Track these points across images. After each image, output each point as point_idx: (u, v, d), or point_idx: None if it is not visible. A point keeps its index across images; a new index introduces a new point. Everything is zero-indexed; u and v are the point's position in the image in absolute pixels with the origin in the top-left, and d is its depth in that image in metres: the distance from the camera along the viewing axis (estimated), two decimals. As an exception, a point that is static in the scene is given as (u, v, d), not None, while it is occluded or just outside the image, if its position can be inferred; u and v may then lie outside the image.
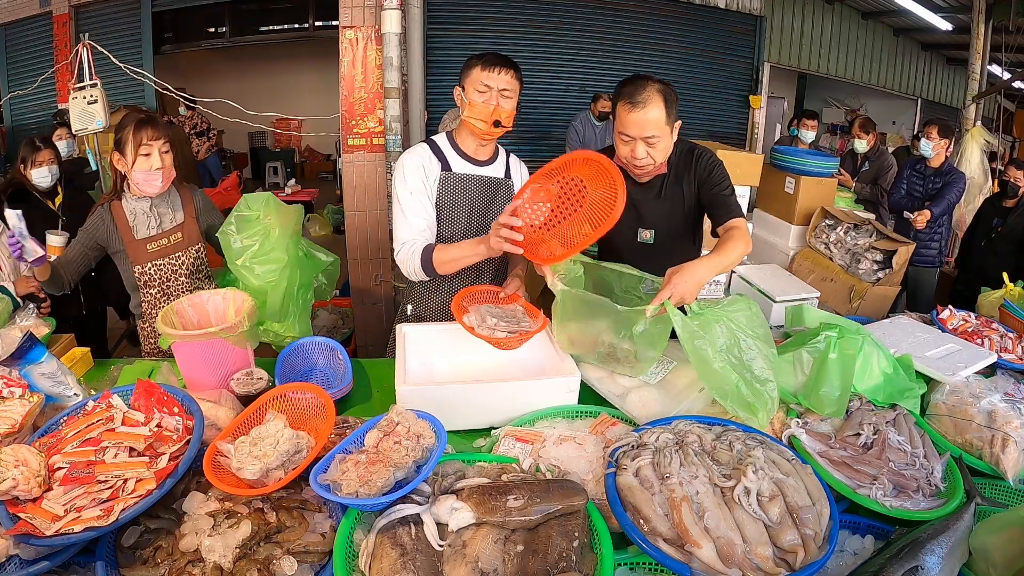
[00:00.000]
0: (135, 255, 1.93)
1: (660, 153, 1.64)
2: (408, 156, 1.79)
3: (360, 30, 3.24)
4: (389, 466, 1.04)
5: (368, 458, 1.07)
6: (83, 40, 3.93)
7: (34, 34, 6.59)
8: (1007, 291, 2.08)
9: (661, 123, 1.59)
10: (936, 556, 1.00)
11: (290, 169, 9.95)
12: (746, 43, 7.38)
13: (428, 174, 1.77)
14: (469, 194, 1.81)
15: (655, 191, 1.76)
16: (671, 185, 1.75)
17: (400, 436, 1.13)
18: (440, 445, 1.11)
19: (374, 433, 1.15)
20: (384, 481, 1.01)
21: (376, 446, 1.11)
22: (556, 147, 6.31)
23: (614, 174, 1.46)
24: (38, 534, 0.93)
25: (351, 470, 1.05)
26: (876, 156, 4.29)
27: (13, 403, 1.21)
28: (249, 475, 1.06)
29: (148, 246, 1.93)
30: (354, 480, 1.02)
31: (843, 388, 1.34)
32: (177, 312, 1.59)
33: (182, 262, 1.99)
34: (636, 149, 1.62)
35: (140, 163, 1.82)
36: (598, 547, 0.99)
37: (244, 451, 1.11)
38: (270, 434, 1.15)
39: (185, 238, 1.99)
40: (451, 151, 1.81)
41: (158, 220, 1.95)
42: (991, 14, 5.47)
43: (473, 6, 6.30)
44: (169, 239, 1.97)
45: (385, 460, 1.06)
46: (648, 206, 1.77)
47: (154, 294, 1.98)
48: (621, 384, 1.55)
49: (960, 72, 7.73)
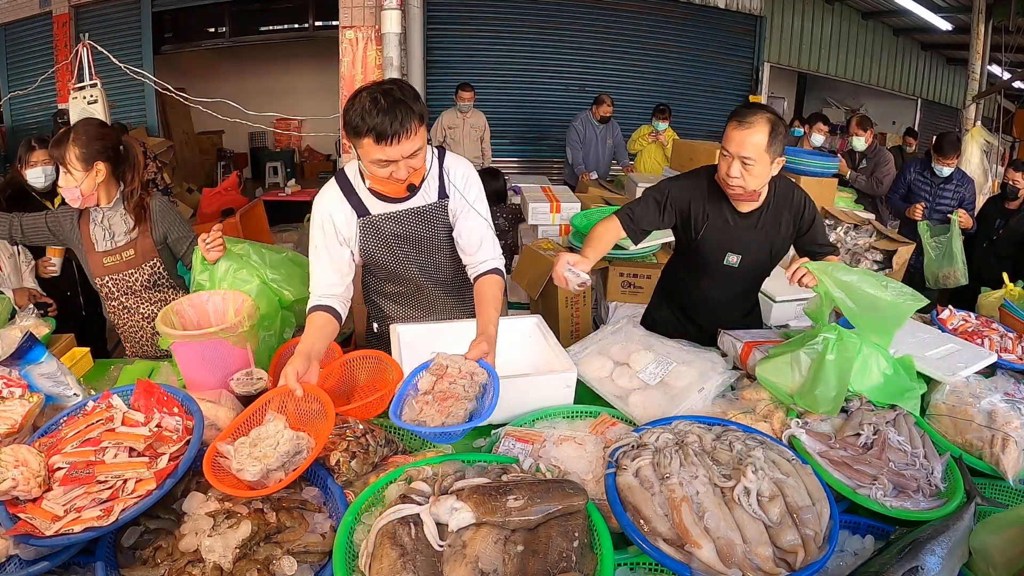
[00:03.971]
0: (94, 267, 1.91)
1: (754, 179, 1.65)
2: (317, 208, 1.57)
3: (360, 30, 3.25)
4: (461, 399, 1.18)
5: (435, 397, 1.20)
6: (83, 40, 3.93)
7: (34, 34, 6.60)
8: (1007, 291, 2.08)
9: (761, 148, 1.61)
10: (936, 556, 1.00)
11: (290, 169, 9.93)
12: (746, 43, 7.39)
13: (340, 223, 1.55)
14: (395, 234, 1.59)
15: (753, 221, 1.80)
16: (768, 219, 1.80)
17: (454, 376, 1.25)
18: (494, 378, 1.25)
19: (426, 378, 1.26)
20: (464, 411, 1.17)
21: (432, 389, 1.23)
22: (556, 147, 6.33)
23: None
24: (38, 534, 0.93)
25: (426, 409, 1.18)
26: (873, 154, 4.29)
27: (13, 403, 1.21)
28: (249, 476, 1.06)
29: (104, 260, 1.90)
30: (436, 415, 1.16)
31: (839, 388, 1.34)
32: (177, 312, 1.59)
33: (136, 279, 1.93)
34: (732, 167, 1.65)
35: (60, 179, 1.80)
36: (598, 547, 0.99)
37: (244, 452, 1.11)
38: (270, 435, 1.15)
39: (139, 254, 1.91)
40: (364, 192, 1.55)
41: (111, 234, 1.90)
42: (991, 14, 5.48)
43: (473, 6, 6.31)
44: (121, 255, 1.91)
45: (453, 396, 1.19)
46: (742, 233, 1.81)
47: (115, 306, 1.97)
48: (621, 385, 1.55)
49: (960, 72, 7.73)
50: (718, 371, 1.54)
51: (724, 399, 1.51)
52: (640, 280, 3.11)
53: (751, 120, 1.61)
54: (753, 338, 1.68)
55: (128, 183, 1.89)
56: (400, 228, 1.59)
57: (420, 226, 1.60)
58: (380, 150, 1.33)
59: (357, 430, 1.25)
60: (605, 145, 5.45)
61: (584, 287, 1.55)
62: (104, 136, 1.83)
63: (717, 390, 1.50)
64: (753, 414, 1.41)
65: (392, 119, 1.30)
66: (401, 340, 1.62)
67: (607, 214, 3.64)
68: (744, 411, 1.43)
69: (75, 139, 1.77)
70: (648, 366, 1.57)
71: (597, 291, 3.33)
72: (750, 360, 1.58)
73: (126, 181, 1.89)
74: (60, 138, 1.79)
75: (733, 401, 1.50)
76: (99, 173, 1.81)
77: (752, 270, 1.89)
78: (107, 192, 1.86)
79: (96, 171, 1.80)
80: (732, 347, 1.67)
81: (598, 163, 5.40)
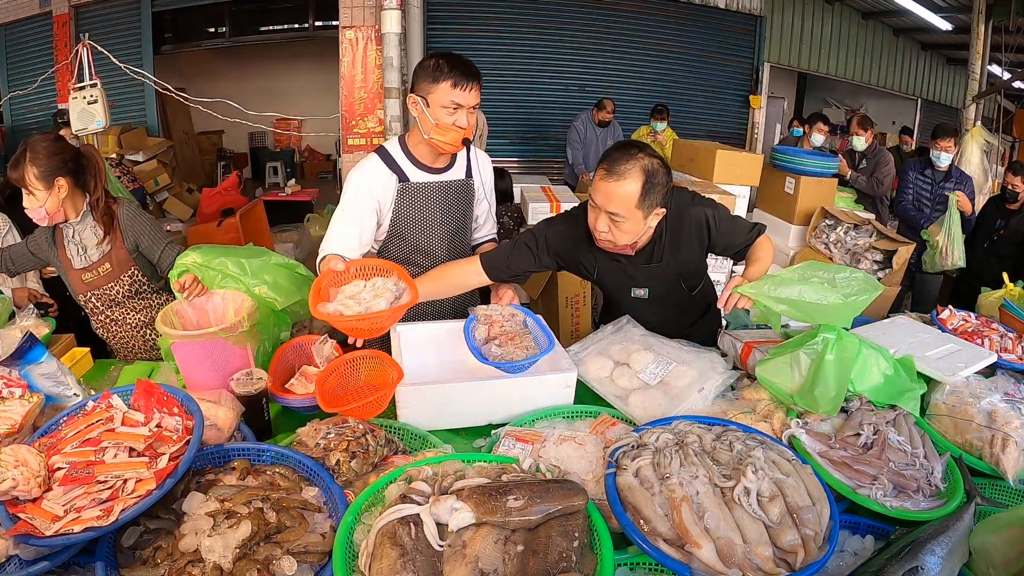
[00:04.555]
0: (75, 285, 1.90)
1: (624, 235, 1.51)
2: (356, 174, 1.69)
3: (360, 30, 3.25)
4: (521, 335, 1.46)
5: (501, 341, 1.45)
6: (83, 40, 3.93)
7: (34, 34, 6.60)
8: (1007, 291, 2.08)
9: (631, 203, 1.43)
10: (936, 556, 1.00)
11: (290, 169, 9.94)
12: (746, 43, 7.39)
13: (379, 190, 1.68)
14: (428, 202, 1.74)
15: (644, 257, 1.66)
16: (665, 250, 1.64)
17: (501, 321, 1.52)
18: (528, 313, 1.57)
19: (480, 329, 1.51)
20: (531, 340, 1.48)
21: (490, 335, 1.47)
22: (556, 147, 6.33)
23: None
24: (38, 534, 0.93)
25: (496, 350, 1.43)
26: (873, 154, 4.29)
27: (13, 403, 1.21)
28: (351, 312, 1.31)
29: (83, 276, 1.89)
30: (516, 351, 1.42)
31: (839, 388, 1.34)
32: (177, 312, 1.59)
33: (116, 291, 1.92)
34: (599, 220, 1.50)
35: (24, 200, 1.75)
36: (598, 547, 0.99)
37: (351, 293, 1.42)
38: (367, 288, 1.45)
39: (115, 267, 1.90)
40: (405, 161, 1.71)
41: (83, 249, 1.88)
42: (991, 14, 5.47)
43: (473, 6, 6.30)
44: (99, 271, 1.89)
45: (516, 334, 1.46)
46: (638, 270, 1.69)
47: (103, 320, 1.96)
48: (621, 385, 1.55)
49: (960, 72, 7.73)
50: (718, 371, 1.54)
51: (724, 399, 1.51)
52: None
53: (621, 170, 1.41)
54: (753, 338, 1.68)
55: (93, 192, 1.85)
56: (433, 195, 1.75)
57: (449, 198, 1.77)
58: (455, 93, 1.55)
59: (357, 430, 1.25)
60: (606, 145, 5.44)
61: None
62: (61, 150, 1.78)
63: (717, 390, 1.50)
64: (753, 414, 1.41)
65: (469, 70, 1.57)
66: (401, 340, 1.63)
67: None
68: (744, 411, 1.43)
69: (32, 159, 1.72)
70: (648, 366, 1.57)
71: (597, 291, 3.33)
72: (750, 360, 1.58)
73: (90, 191, 1.85)
74: (16, 159, 1.73)
75: (733, 401, 1.50)
76: (61, 189, 1.77)
77: (669, 295, 1.75)
78: (74, 205, 1.82)
79: (58, 187, 1.76)
80: (732, 347, 1.67)
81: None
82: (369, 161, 1.71)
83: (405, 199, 1.71)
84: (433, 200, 1.75)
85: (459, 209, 1.80)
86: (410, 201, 1.72)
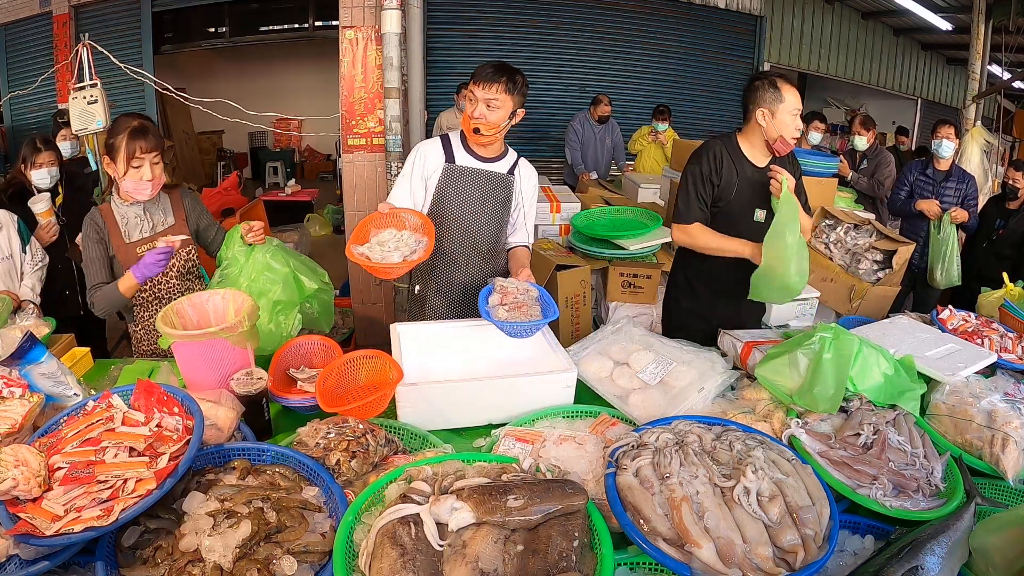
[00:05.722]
0: (126, 259, 1.89)
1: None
2: (415, 149, 2.03)
3: (360, 30, 3.24)
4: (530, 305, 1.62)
5: (511, 307, 1.60)
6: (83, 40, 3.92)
7: (34, 34, 6.59)
8: (1007, 291, 2.08)
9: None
10: (936, 556, 1.00)
11: (290, 169, 9.95)
12: (746, 43, 7.39)
13: (430, 163, 1.98)
14: (467, 185, 1.99)
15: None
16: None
17: (515, 293, 1.66)
18: (542, 291, 1.70)
19: (495, 296, 1.64)
20: (535, 311, 1.62)
21: (502, 303, 1.61)
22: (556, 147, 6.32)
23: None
24: (38, 534, 0.93)
25: (507, 315, 1.57)
26: (874, 154, 4.29)
27: (13, 403, 1.21)
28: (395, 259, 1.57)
29: (138, 249, 1.90)
30: (520, 317, 1.57)
31: (837, 387, 1.34)
32: (177, 312, 1.59)
33: (172, 264, 1.95)
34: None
35: (131, 174, 1.80)
36: (598, 547, 0.99)
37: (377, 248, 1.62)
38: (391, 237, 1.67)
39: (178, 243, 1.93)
40: (459, 146, 2.01)
41: (151, 223, 1.93)
42: (991, 14, 5.47)
43: (473, 6, 6.30)
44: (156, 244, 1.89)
45: (525, 304, 1.62)
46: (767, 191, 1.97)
47: (146, 297, 1.96)
48: (621, 385, 1.55)
49: (960, 72, 7.74)
50: (718, 371, 1.54)
51: (724, 399, 1.51)
52: (640, 280, 3.11)
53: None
54: (753, 338, 1.68)
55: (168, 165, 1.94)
56: (474, 180, 1.99)
57: (487, 187, 2.01)
58: (475, 87, 1.86)
59: (357, 430, 1.25)
60: (604, 145, 5.44)
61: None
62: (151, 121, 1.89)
63: (717, 390, 1.50)
64: (753, 414, 1.42)
65: (494, 72, 1.85)
66: (401, 340, 1.63)
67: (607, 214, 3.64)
68: (744, 411, 1.43)
69: (152, 129, 1.82)
70: (648, 366, 1.58)
71: (597, 291, 3.33)
72: (750, 360, 1.58)
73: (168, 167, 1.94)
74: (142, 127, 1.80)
75: (733, 401, 1.50)
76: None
77: None
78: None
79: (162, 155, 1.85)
80: (732, 347, 1.67)
81: (597, 163, 5.40)
82: (429, 142, 2.04)
83: (449, 177, 1.98)
84: (470, 185, 1.99)
85: (496, 198, 2.03)
86: (453, 181, 1.98)
